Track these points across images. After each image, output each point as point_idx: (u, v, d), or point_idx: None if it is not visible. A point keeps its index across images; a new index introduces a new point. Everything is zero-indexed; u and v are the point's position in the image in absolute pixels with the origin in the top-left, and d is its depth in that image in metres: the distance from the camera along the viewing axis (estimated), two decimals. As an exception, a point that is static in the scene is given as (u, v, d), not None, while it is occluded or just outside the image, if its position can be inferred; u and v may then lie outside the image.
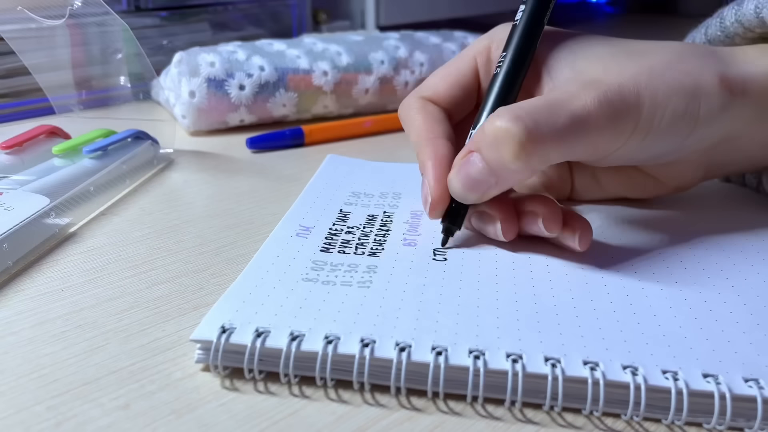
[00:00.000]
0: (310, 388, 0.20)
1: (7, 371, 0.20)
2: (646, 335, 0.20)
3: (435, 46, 0.52)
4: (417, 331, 0.20)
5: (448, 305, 0.22)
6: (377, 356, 0.19)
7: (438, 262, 0.25)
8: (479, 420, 0.19)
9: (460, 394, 0.19)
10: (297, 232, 0.28)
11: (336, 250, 0.26)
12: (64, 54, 0.41)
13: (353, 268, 0.25)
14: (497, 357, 0.19)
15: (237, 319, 0.21)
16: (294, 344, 0.20)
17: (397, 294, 0.23)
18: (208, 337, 0.20)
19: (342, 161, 0.38)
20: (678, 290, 0.23)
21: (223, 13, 0.65)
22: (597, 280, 0.24)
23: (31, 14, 0.36)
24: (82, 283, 0.25)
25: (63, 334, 0.22)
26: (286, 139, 0.43)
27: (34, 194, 0.29)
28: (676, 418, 0.18)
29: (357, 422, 0.18)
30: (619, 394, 0.19)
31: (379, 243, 0.27)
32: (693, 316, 0.22)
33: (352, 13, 0.82)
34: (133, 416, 0.18)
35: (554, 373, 0.19)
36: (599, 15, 1.34)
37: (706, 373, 0.19)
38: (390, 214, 0.30)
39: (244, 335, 0.20)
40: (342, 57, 0.48)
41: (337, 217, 0.30)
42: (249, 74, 0.45)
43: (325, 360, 0.19)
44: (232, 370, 0.20)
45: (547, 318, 0.21)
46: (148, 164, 0.38)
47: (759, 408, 0.18)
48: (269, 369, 0.20)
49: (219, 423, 0.18)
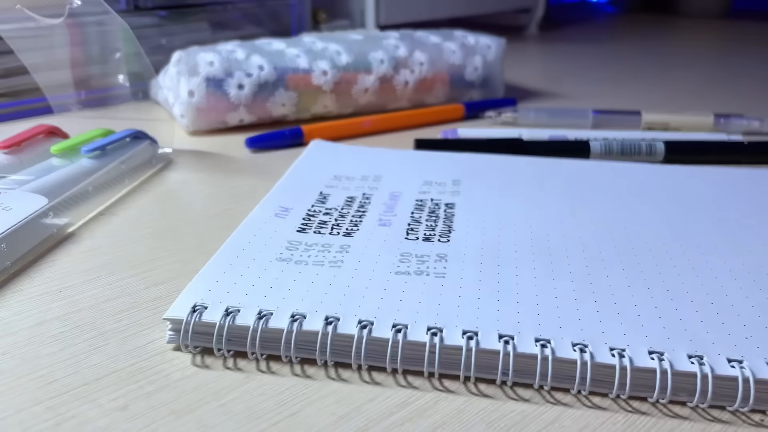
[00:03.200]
0: (307, 389, 0.20)
1: (6, 372, 0.20)
2: (600, 313, 0.21)
3: (435, 46, 0.52)
4: (381, 310, 0.21)
5: (414, 284, 0.23)
6: (339, 333, 0.20)
7: (410, 241, 0.26)
8: (436, 393, 0.19)
9: (418, 371, 0.20)
10: (276, 213, 0.29)
11: (312, 230, 0.27)
12: (62, 53, 0.41)
13: (326, 248, 0.25)
14: (454, 334, 0.20)
15: (209, 298, 0.21)
16: (261, 322, 0.20)
17: (366, 273, 0.23)
18: (179, 316, 0.20)
19: (327, 146, 0.39)
20: (639, 270, 0.24)
21: (223, 12, 0.65)
22: (562, 259, 0.25)
23: (30, 13, 0.36)
24: (81, 283, 0.25)
25: (62, 334, 0.22)
26: (286, 138, 0.43)
27: (33, 194, 0.29)
28: (620, 392, 0.19)
29: (357, 422, 0.18)
30: (568, 369, 0.19)
31: (355, 224, 0.28)
32: (649, 296, 0.22)
33: (351, 12, 0.82)
34: (132, 417, 0.18)
35: (506, 349, 0.19)
36: (599, 15, 1.34)
37: (653, 350, 0.19)
38: (369, 196, 0.31)
39: (214, 314, 0.21)
40: (341, 56, 0.48)
41: (316, 198, 0.31)
42: (248, 74, 0.45)
43: (290, 337, 0.20)
44: (202, 350, 0.21)
45: (507, 297, 0.22)
46: (146, 164, 0.38)
47: (698, 384, 0.18)
48: (238, 348, 0.21)
49: (218, 424, 0.18)
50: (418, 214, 0.29)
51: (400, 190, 0.32)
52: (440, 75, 0.52)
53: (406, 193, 0.32)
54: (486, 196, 0.31)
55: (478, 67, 0.54)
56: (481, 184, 0.33)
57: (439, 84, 0.52)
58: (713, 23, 1.21)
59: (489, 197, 0.31)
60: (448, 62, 0.52)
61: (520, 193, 0.32)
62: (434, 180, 0.33)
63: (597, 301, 0.22)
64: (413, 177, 0.34)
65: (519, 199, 0.31)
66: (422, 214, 0.29)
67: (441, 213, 0.29)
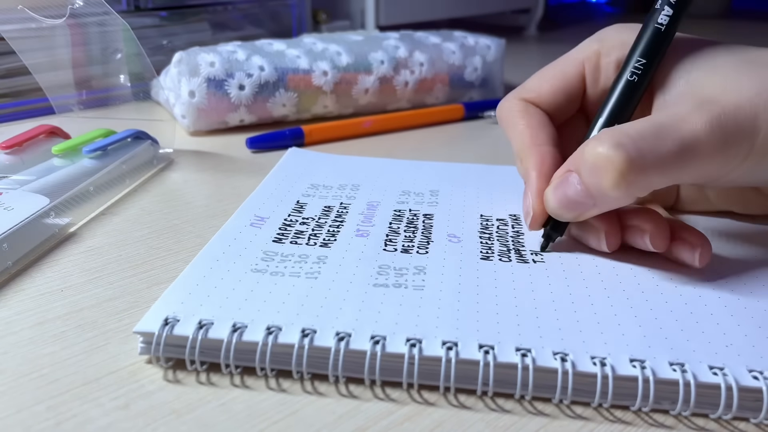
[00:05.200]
0: (315, 385, 0.20)
1: (7, 371, 0.20)
2: (581, 323, 0.21)
3: (435, 46, 0.52)
4: (358, 321, 0.21)
5: (392, 295, 0.22)
6: (316, 345, 0.20)
7: (388, 252, 0.26)
8: (415, 406, 0.19)
9: (397, 382, 0.20)
10: (251, 222, 0.28)
11: (288, 240, 0.27)
12: (64, 53, 0.41)
13: (303, 258, 0.25)
14: (433, 344, 0.20)
15: (181, 311, 0.21)
16: (235, 335, 0.20)
17: (344, 285, 0.23)
18: (150, 330, 0.20)
19: (304, 154, 0.39)
20: (618, 281, 0.24)
21: (223, 12, 0.65)
22: (540, 272, 0.24)
23: (31, 13, 0.36)
24: (82, 283, 0.25)
25: (63, 334, 0.22)
26: (286, 139, 0.43)
27: (34, 194, 0.29)
28: (603, 401, 0.19)
29: (357, 422, 0.18)
30: (549, 379, 0.19)
31: (332, 234, 0.27)
32: (629, 305, 0.22)
33: (351, 13, 0.82)
34: (133, 416, 0.18)
35: (486, 359, 0.19)
36: (599, 15, 1.34)
37: (634, 358, 0.19)
38: (347, 206, 0.30)
39: (187, 327, 0.20)
40: (342, 57, 0.48)
41: (293, 208, 0.30)
42: (249, 74, 0.45)
43: (265, 350, 0.20)
44: (175, 362, 0.20)
45: (487, 307, 0.22)
46: (147, 164, 0.38)
47: (681, 391, 0.18)
48: (212, 360, 0.20)
49: (219, 423, 0.18)
50: (396, 224, 0.28)
51: (378, 200, 0.31)
52: (440, 75, 0.52)
53: (384, 203, 0.31)
54: (463, 208, 0.31)
55: (477, 67, 0.54)
56: (458, 195, 0.32)
57: (438, 84, 0.52)
58: (713, 23, 1.21)
59: (466, 209, 0.31)
60: (448, 63, 0.52)
61: (497, 202, 0.31)
62: (412, 190, 0.33)
63: (577, 311, 0.22)
64: (391, 186, 0.33)
65: (496, 207, 0.31)
66: (401, 225, 0.28)
67: (419, 224, 0.29)
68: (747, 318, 0.21)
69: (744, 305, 0.22)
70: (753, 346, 0.20)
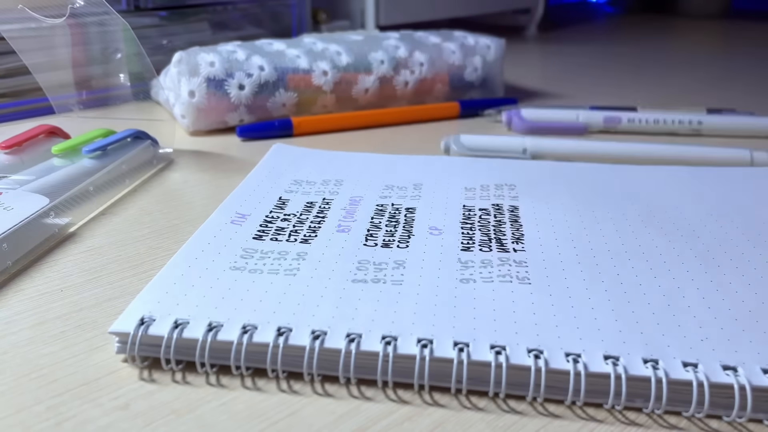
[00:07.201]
0: (299, 383, 0.20)
1: (7, 371, 0.20)
2: (557, 317, 0.21)
3: (435, 46, 0.52)
4: (335, 319, 0.21)
5: (370, 291, 0.22)
6: (291, 344, 0.19)
7: (368, 247, 0.26)
8: (390, 404, 0.19)
9: (372, 380, 0.20)
10: (232, 219, 0.28)
11: (269, 237, 0.26)
12: (64, 53, 0.41)
13: (283, 255, 0.25)
14: (408, 343, 0.20)
15: (157, 310, 0.21)
16: (210, 335, 0.20)
17: (322, 281, 0.23)
18: (126, 330, 0.20)
19: (288, 150, 0.39)
20: (597, 272, 0.24)
21: (223, 12, 0.65)
22: (520, 264, 0.24)
23: (31, 13, 0.36)
24: (82, 283, 0.25)
25: (63, 333, 0.22)
26: (275, 129, 0.44)
27: (34, 194, 0.29)
28: (575, 399, 0.19)
29: (357, 422, 0.18)
30: (522, 377, 0.19)
31: (313, 230, 0.27)
32: (607, 298, 0.22)
33: (351, 12, 0.82)
34: (133, 416, 0.18)
35: (460, 357, 0.19)
36: (599, 15, 1.34)
37: (608, 355, 0.19)
38: (329, 201, 0.30)
39: (162, 327, 0.20)
40: (342, 57, 0.48)
41: (275, 204, 0.30)
42: (249, 74, 0.45)
43: (240, 350, 0.19)
44: (152, 361, 0.20)
45: (464, 304, 0.22)
46: (147, 164, 0.38)
47: (652, 388, 0.18)
48: (188, 359, 0.20)
49: (219, 423, 0.18)
50: (378, 219, 0.28)
51: (360, 195, 0.31)
52: (440, 75, 0.52)
53: (366, 198, 0.31)
54: (446, 200, 0.31)
55: (477, 67, 0.54)
56: (442, 188, 0.32)
57: (438, 84, 0.52)
58: (713, 23, 1.21)
59: (449, 201, 0.31)
60: (448, 63, 0.52)
61: (479, 196, 0.31)
62: (395, 184, 0.33)
63: (554, 305, 0.21)
64: (375, 181, 0.33)
65: (479, 202, 0.31)
66: (382, 219, 0.28)
67: (401, 218, 0.28)
68: (724, 310, 0.21)
69: (722, 296, 0.22)
70: (728, 339, 0.20)
